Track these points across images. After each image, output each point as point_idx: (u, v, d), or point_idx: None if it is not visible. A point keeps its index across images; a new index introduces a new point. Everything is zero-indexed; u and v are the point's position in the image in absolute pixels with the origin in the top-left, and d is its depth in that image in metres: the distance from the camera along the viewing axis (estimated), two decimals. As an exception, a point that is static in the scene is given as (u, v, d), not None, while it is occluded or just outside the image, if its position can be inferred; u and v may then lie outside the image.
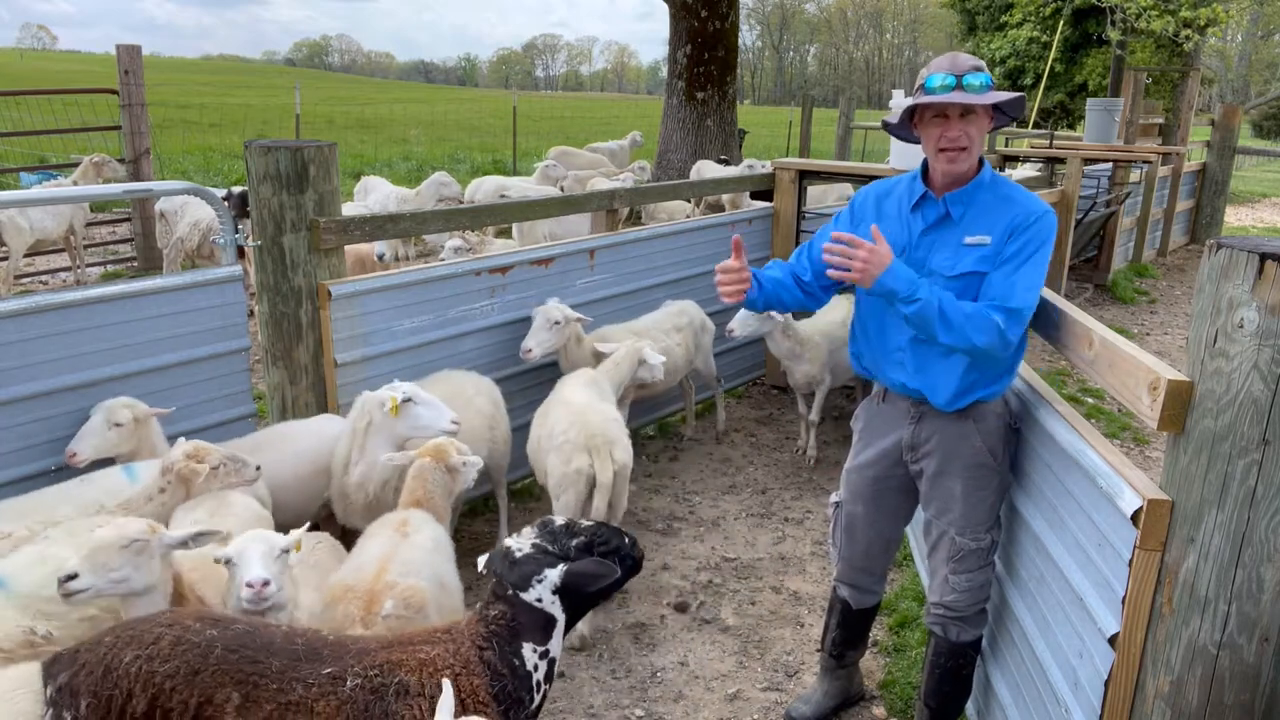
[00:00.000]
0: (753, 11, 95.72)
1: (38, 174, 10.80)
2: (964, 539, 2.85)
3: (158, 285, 3.64)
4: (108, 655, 2.07)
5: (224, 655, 2.07)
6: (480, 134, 25.63)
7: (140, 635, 2.11)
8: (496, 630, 2.24)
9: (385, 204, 9.07)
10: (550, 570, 2.27)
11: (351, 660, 2.15)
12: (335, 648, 2.20)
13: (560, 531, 2.38)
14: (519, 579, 2.26)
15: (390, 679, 2.11)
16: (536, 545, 2.32)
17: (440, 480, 3.23)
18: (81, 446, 3.32)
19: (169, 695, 2.02)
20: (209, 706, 2.03)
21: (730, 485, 5.36)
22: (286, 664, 2.10)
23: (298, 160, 3.74)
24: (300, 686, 2.08)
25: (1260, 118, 37.21)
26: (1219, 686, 1.97)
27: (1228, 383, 1.85)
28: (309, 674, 2.10)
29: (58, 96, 10.01)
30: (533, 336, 4.58)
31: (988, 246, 2.67)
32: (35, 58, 70.60)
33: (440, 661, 2.17)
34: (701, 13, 12.14)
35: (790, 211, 6.48)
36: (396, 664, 2.15)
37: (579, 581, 2.27)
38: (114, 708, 2.02)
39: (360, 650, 2.19)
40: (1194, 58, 17.80)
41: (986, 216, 2.70)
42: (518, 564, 2.29)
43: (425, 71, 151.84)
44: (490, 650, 2.21)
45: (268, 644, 2.13)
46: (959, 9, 28.47)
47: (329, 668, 2.12)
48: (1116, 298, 10.22)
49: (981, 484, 2.81)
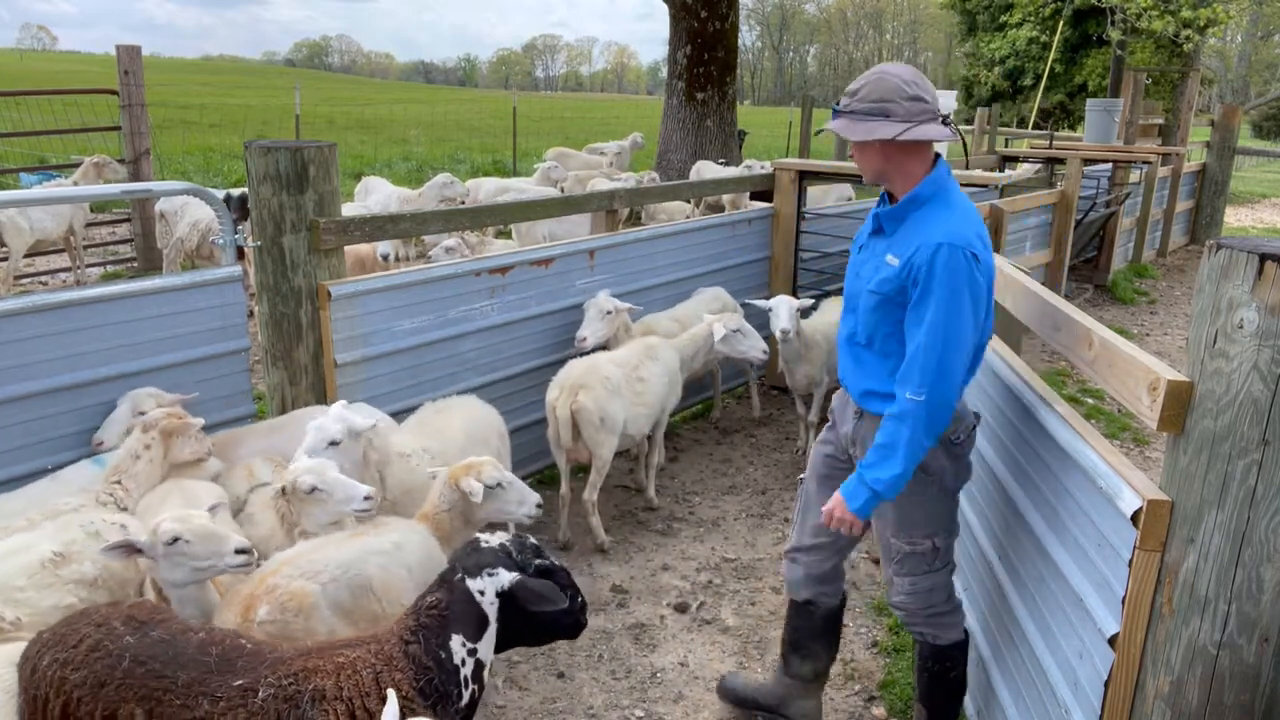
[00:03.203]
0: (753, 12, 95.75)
1: (38, 174, 10.80)
2: (898, 541, 2.83)
3: (157, 285, 3.64)
4: (37, 653, 2.10)
5: (131, 669, 2.06)
6: (480, 134, 25.63)
7: (66, 636, 2.12)
8: (426, 622, 2.21)
9: (386, 204, 9.06)
10: (505, 572, 2.25)
11: (265, 670, 2.10)
12: (251, 657, 2.15)
13: (529, 549, 2.36)
14: (473, 565, 2.26)
15: (305, 686, 2.06)
16: (503, 547, 2.33)
17: (448, 498, 3.13)
18: (108, 434, 3.42)
19: (77, 705, 2.03)
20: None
21: (730, 486, 5.36)
22: (195, 677, 2.07)
23: (298, 161, 3.74)
24: (207, 701, 2.03)
25: (1260, 118, 37.21)
26: (1219, 686, 1.97)
27: (1227, 383, 1.85)
28: (217, 687, 2.06)
29: (58, 97, 10.00)
30: (587, 326, 4.90)
31: (894, 269, 2.56)
32: (35, 58, 70.62)
33: (360, 663, 2.12)
34: (701, 13, 12.14)
35: (790, 212, 6.48)
36: (312, 670, 2.10)
37: (525, 594, 2.24)
38: (37, 708, 2.06)
39: (276, 660, 2.14)
40: (1194, 58, 17.81)
41: (907, 237, 2.58)
42: (478, 552, 2.30)
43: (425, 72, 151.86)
44: (416, 644, 2.18)
45: (178, 656, 2.10)
46: (959, 9, 28.50)
47: (240, 679, 2.07)
48: (1116, 298, 10.22)
49: (912, 490, 2.67)
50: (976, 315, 2.49)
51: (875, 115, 2.52)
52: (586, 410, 4.32)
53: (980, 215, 2.65)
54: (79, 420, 3.45)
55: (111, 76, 8.73)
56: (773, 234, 6.56)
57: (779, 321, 5.14)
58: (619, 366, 4.58)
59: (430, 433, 3.83)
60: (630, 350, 4.80)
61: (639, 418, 4.61)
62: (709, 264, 6.06)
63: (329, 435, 3.24)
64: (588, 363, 4.51)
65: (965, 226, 2.52)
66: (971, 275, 2.45)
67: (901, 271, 2.54)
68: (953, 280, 2.44)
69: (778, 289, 6.53)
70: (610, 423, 4.40)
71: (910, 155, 2.60)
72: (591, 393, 4.35)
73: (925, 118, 2.51)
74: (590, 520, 4.52)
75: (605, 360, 4.57)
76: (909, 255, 2.52)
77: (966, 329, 2.47)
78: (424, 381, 4.40)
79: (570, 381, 4.39)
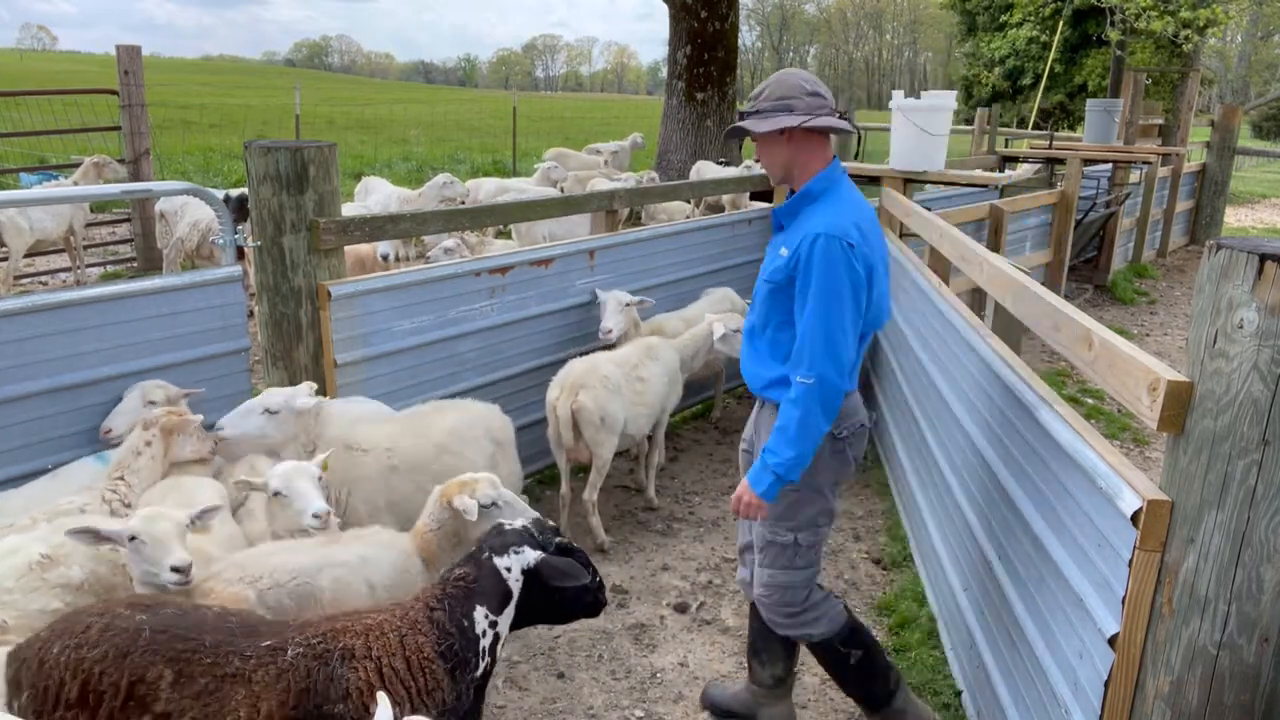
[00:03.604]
0: (752, 12, 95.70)
1: (38, 174, 10.79)
2: (763, 528, 2.93)
3: (157, 285, 3.64)
4: (41, 649, 2.12)
5: (153, 636, 2.10)
6: (480, 134, 25.63)
7: (70, 626, 2.15)
8: (453, 591, 2.33)
9: (387, 205, 9.05)
10: (530, 550, 2.41)
11: (292, 632, 2.19)
12: (274, 625, 2.25)
13: (549, 530, 2.52)
14: (499, 544, 2.41)
15: (334, 645, 2.16)
16: (526, 529, 2.49)
17: (438, 516, 2.93)
18: (116, 423, 3.44)
19: (98, 679, 2.05)
20: (141, 685, 2.05)
21: (730, 486, 5.36)
22: (221, 639, 2.12)
23: (297, 161, 3.74)
24: (237, 659, 2.09)
25: (1260, 118, 37.20)
26: (1219, 687, 1.97)
27: (1227, 383, 1.85)
28: (245, 647, 2.12)
29: (57, 97, 10.00)
30: (610, 318, 4.99)
31: (784, 259, 2.74)
32: (35, 58, 70.60)
33: (387, 625, 2.24)
34: (701, 13, 12.13)
35: (790, 212, 6.48)
36: (340, 630, 2.20)
37: (549, 571, 2.39)
38: (49, 697, 2.07)
39: (302, 624, 2.25)
40: (1194, 58, 17.80)
41: (797, 230, 2.76)
42: (503, 534, 2.45)
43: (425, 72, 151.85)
44: (440, 610, 2.29)
45: (199, 623, 2.16)
46: (959, 10, 28.50)
47: (268, 640, 2.14)
48: (1116, 298, 10.22)
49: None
50: (857, 300, 2.65)
51: (780, 111, 2.73)
52: (587, 409, 4.32)
53: (870, 208, 2.85)
54: (79, 420, 3.46)
55: (111, 76, 8.73)
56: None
57: None
58: (619, 366, 4.58)
59: (410, 430, 3.68)
60: (631, 350, 4.80)
61: (639, 417, 4.61)
62: (709, 264, 6.06)
63: (266, 403, 3.35)
64: (588, 362, 4.51)
65: (844, 217, 2.68)
66: (848, 263, 2.62)
67: (789, 262, 2.72)
68: (829, 268, 2.61)
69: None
70: (610, 422, 4.40)
71: (811, 151, 2.80)
72: (592, 392, 4.35)
73: (824, 111, 2.74)
74: (590, 520, 4.52)
75: (605, 360, 4.58)
76: (795, 246, 2.70)
77: (847, 313, 2.63)
78: (424, 381, 4.40)
79: (570, 381, 4.41)
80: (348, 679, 2.11)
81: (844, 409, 2.79)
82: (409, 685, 2.17)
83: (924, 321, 4.58)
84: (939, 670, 3.58)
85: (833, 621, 3.03)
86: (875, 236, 2.76)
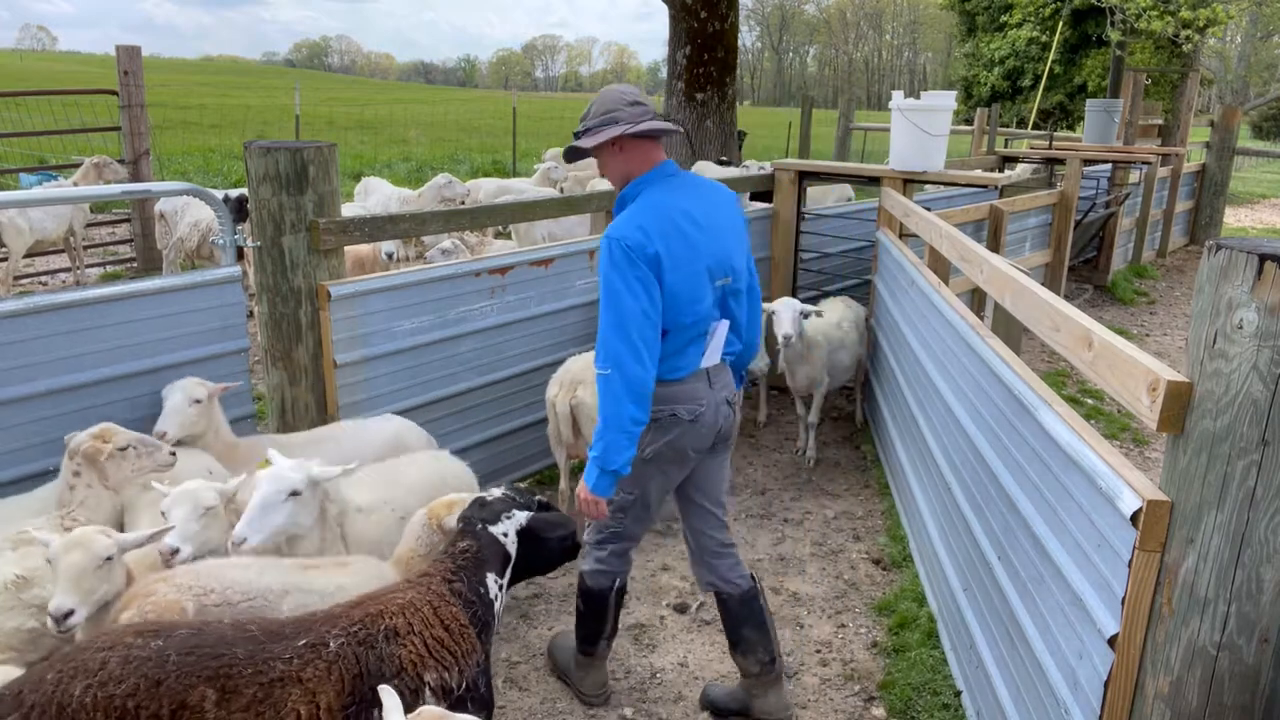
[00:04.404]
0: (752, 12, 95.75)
1: (37, 175, 10.79)
2: None
3: (157, 286, 3.64)
4: (56, 692, 1.98)
5: (182, 660, 2.03)
6: (480, 134, 25.63)
7: (84, 664, 2.02)
8: (464, 564, 2.46)
9: (387, 205, 9.06)
10: (518, 512, 2.59)
11: (324, 626, 2.19)
12: (297, 623, 2.22)
13: (525, 491, 2.72)
14: (490, 515, 2.56)
15: (376, 627, 2.21)
16: (506, 494, 2.67)
17: (427, 540, 2.83)
18: (169, 425, 3.40)
19: (135, 714, 1.97)
20: (184, 711, 1.99)
21: (730, 486, 5.35)
22: (252, 649, 2.09)
23: (297, 161, 3.74)
24: (278, 663, 2.07)
25: (1259, 119, 37.22)
26: (1218, 687, 1.97)
27: (1227, 384, 1.85)
28: (282, 651, 2.10)
29: (57, 97, 10.00)
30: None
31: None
32: (35, 58, 70.59)
33: (419, 600, 2.32)
34: (701, 13, 12.13)
35: (790, 212, 6.48)
36: (378, 613, 2.25)
37: (541, 525, 2.58)
38: None
39: (328, 616, 2.26)
40: (1193, 59, 17.80)
41: None
42: (489, 505, 2.61)
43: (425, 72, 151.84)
44: (459, 582, 2.42)
45: (220, 639, 2.11)
46: (958, 10, 28.51)
47: (302, 639, 2.13)
48: (1116, 299, 10.22)
49: None
50: (638, 295, 2.78)
51: (606, 125, 2.91)
52: (586, 405, 4.33)
53: (680, 205, 2.91)
54: (79, 421, 3.44)
55: (111, 77, 8.73)
56: (773, 234, 6.56)
57: (781, 327, 5.14)
58: None
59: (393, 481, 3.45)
60: None
61: None
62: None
63: (290, 484, 2.86)
64: (587, 359, 4.51)
65: (633, 219, 2.84)
66: (627, 261, 2.78)
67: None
68: (609, 268, 2.81)
69: (778, 289, 6.54)
70: None
71: (641, 158, 2.98)
72: (591, 388, 4.35)
73: (646, 118, 2.92)
74: (590, 520, 4.53)
75: None
76: None
77: (628, 308, 2.78)
78: (424, 382, 4.40)
79: (569, 377, 4.42)
80: (398, 655, 2.19)
81: (661, 394, 2.95)
82: (454, 651, 2.29)
83: (924, 321, 4.58)
84: (939, 670, 3.58)
85: (596, 579, 3.34)
86: (675, 233, 2.86)
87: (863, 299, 6.39)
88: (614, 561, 3.34)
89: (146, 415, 3.66)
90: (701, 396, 3.05)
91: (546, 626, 3.93)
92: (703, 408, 3.05)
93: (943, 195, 8.20)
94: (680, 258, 2.87)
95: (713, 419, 3.09)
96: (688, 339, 2.98)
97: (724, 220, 3.04)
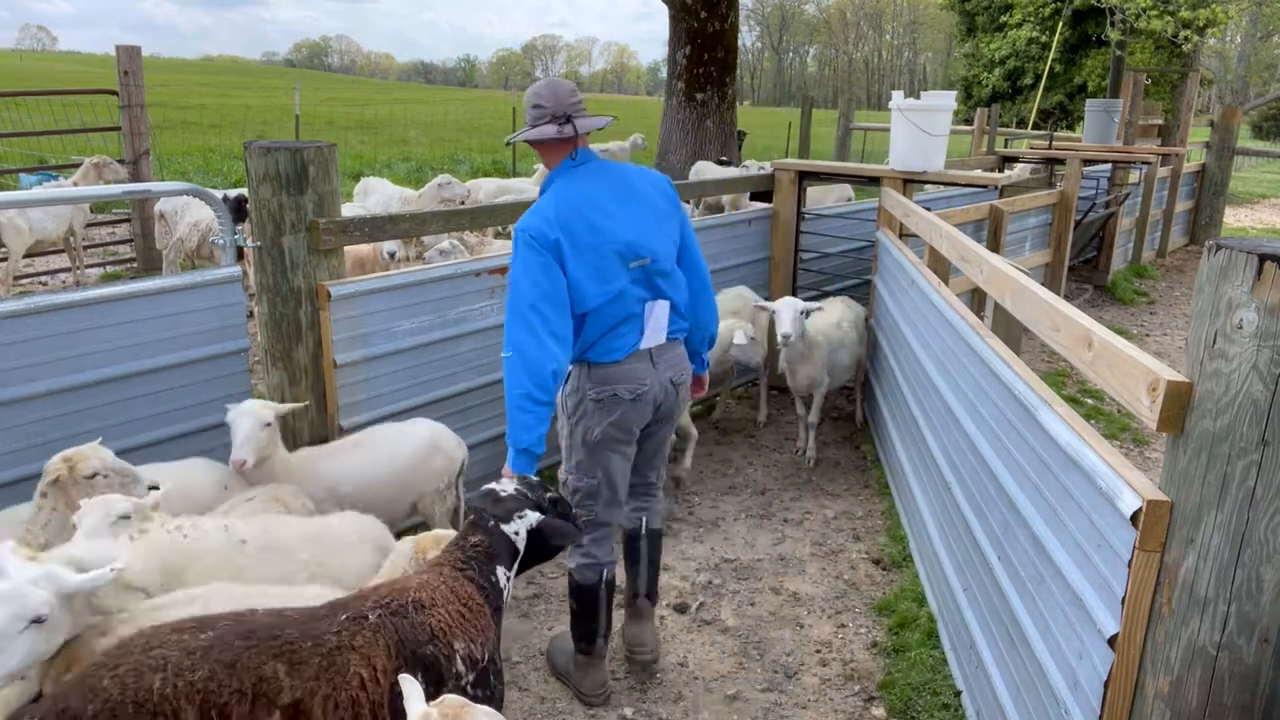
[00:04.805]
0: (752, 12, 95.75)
1: (37, 175, 10.79)
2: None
3: (157, 286, 3.64)
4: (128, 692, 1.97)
5: (243, 644, 2.09)
6: (480, 134, 25.63)
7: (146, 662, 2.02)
8: (475, 555, 2.51)
9: (387, 205, 9.05)
10: (531, 512, 2.61)
11: (357, 603, 2.28)
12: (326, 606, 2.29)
13: (536, 486, 2.73)
14: (504, 512, 2.58)
15: (403, 599, 2.29)
16: (519, 490, 2.67)
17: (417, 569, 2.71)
18: (245, 453, 3.36)
19: (219, 692, 2.02)
20: (263, 683, 2.06)
21: (730, 486, 5.36)
22: (300, 630, 2.16)
23: (297, 161, 3.74)
24: (330, 636, 2.16)
25: (1259, 119, 37.22)
26: (1218, 687, 1.97)
27: (1227, 384, 1.85)
28: (326, 626, 2.18)
29: (57, 97, 10.00)
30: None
31: None
32: (35, 58, 70.58)
33: (433, 582, 2.38)
34: (701, 14, 12.13)
35: (790, 212, 6.48)
36: (399, 589, 2.32)
37: (550, 531, 2.62)
38: None
39: (351, 599, 2.33)
40: (1193, 59, 17.80)
41: None
42: (502, 501, 2.61)
43: (425, 72, 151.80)
44: (471, 570, 2.48)
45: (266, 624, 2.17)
46: (958, 10, 28.51)
47: (342, 614, 2.22)
48: (1116, 299, 10.22)
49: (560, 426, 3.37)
50: (536, 282, 2.96)
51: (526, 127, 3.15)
52: None
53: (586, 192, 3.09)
54: (80, 422, 3.45)
55: (111, 77, 8.72)
56: (772, 234, 6.56)
57: (781, 326, 5.13)
58: None
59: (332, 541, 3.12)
60: None
61: None
62: (709, 264, 6.03)
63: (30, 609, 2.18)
64: None
65: (539, 210, 3.05)
66: (528, 248, 2.98)
67: None
68: (514, 257, 3.02)
69: (778, 289, 6.54)
70: None
71: (552, 154, 3.18)
72: None
73: (541, 121, 3.08)
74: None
75: None
76: None
77: (525, 293, 2.96)
78: (424, 382, 4.40)
79: None
80: (428, 623, 2.27)
81: (601, 376, 3.16)
82: (474, 625, 2.35)
83: (924, 321, 4.58)
84: (938, 670, 3.58)
85: (584, 574, 3.41)
86: (578, 219, 3.03)
87: (863, 299, 6.39)
88: (597, 551, 3.42)
89: (146, 415, 3.67)
90: (644, 376, 3.20)
91: (546, 627, 3.93)
92: (645, 387, 3.20)
93: (943, 195, 8.20)
94: (584, 243, 3.02)
95: (656, 397, 3.24)
96: (615, 320, 3.13)
97: (640, 205, 3.19)
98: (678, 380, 3.30)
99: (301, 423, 3.98)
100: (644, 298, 3.18)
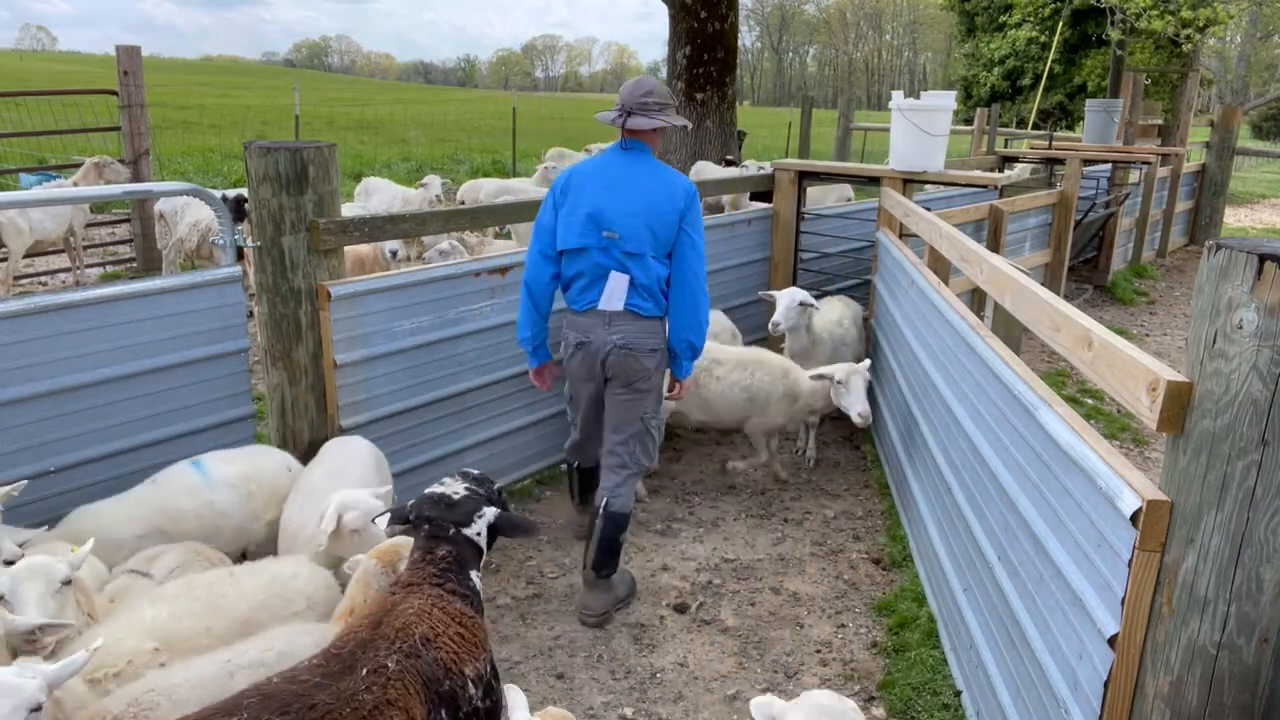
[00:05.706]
0: (752, 12, 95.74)
1: (37, 175, 10.79)
2: None
3: (157, 286, 3.64)
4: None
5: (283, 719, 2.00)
6: (480, 135, 25.62)
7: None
8: (448, 567, 2.49)
9: (390, 205, 9.04)
10: (487, 509, 2.63)
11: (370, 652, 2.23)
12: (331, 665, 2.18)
13: (480, 479, 2.74)
14: (462, 516, 2.57)
15: (413, 637, 2.27)
16: (470, 489, 2.65)
17: (382, 583, 2.70)
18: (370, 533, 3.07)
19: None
20: None
21: (730, 486, 5.36)
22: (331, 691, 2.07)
23: (297, 161, 3.74)
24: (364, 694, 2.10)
25: (1259, 119, 37.22)
26: (1218, 687, 1.97)
27: (1227, 384, 1.85)
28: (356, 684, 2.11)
29: (57, 97, 9.99)
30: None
31: None
32: (35, 58, 70.56)
33: (427, 605, 2.36)
34: (701, 14, 12.13)
35: (790, 212, 6.48)
36: (404, 627, 2.30)
37: (506, 524, 2.66)
38: None
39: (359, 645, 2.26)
40: (1193, 58, 17.80)
41: None
42: (457, 505, 2.59)
43: (425, 72, 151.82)
44: (452, 584, 2.47)
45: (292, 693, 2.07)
46: (958, 10, 28.50)
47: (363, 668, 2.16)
48: (1116, 299, 10.22)
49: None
50: (543, 214, 3.95)
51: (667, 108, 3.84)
52: None
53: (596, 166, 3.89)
54: (80, 422, 3.45)
55: (111, 77, 8.72)
56: (772, 234, 6.56)
57: (774, 313, 5.21)
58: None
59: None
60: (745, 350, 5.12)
61: None
62: (708, 264, 6.03)
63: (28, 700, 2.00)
64: None
65: (571, 168, 3.97)
66: (550, 191, 3.94)
67: None
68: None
69: (778, 289, 6.54)
70: None
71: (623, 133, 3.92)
72: None
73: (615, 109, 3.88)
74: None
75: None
76: None
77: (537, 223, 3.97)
78: (424, 382, 4.40)
79: None
80: (441, 659, 2.28)
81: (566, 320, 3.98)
82: (473, 642, 2.38)
83: (924, 321, 4.58)
84: (939, 670, 3.58)
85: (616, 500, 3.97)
86: (582, 181, 3.83)
87: (862, 299, 6.39)
88: (570, 446, 4.40)
89: (146, 415, 3.67)
90: (591, 331, 3.85)
91: (546, 627, 3.93)
92: (588, 340, 3.85)
93: (943, 195, 8.20)
94: (574, 199, 3.82)
95: (597, 351, 3.83)
96: (583, 275, 3.83)
97: (636, 194, 3.77)
98: (629, 346, 3.82)
99: (302, 423, 3.98)
100: (609, 266, 3.77)
